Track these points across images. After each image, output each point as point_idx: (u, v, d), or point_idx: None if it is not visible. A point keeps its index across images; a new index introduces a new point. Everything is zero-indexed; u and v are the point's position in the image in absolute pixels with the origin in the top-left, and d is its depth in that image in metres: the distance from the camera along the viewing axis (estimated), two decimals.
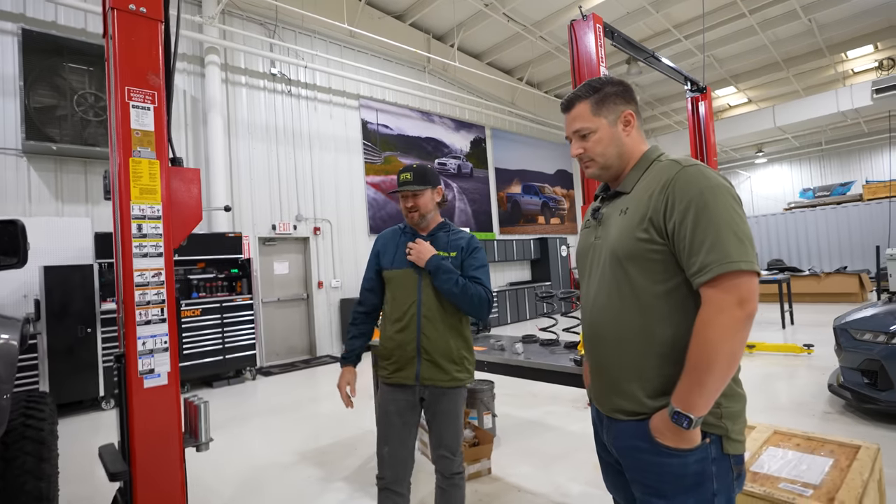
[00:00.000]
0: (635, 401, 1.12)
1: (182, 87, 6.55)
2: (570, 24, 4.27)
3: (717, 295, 0.98)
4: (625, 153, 1.22)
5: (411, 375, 1.86)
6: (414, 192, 1.93)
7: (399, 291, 1.92)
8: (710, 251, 0.99)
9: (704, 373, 0.97)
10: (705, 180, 1.04)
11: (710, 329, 0.97)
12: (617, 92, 1.22)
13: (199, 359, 5.64)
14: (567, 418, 3.99)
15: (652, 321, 1.09)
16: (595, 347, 1.23)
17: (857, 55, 11.45)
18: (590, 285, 1.25)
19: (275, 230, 7.28)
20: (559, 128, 12.86)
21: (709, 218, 1.00)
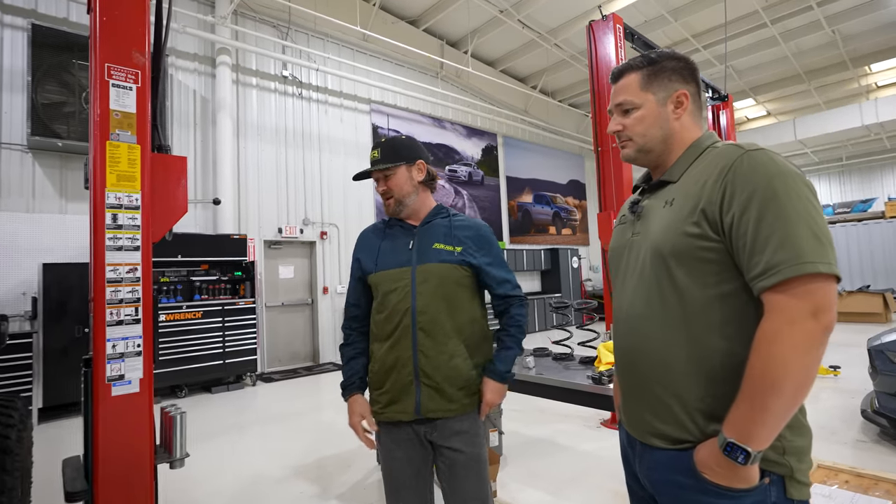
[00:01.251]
0: (678, 425, 0.93)
1: (192, 87, 6.49)
2: (588, 25, 4.12)
3: (788, 302, 0.79)
4: (671, 138, 1.04)
5: (410, 408, 1.45)
6: (384, 171, 1.52)
7: (388, 298, 1.51)
8: (778, 249, 0.80)
9: (769, 397, 0.79)
10: (774, 166, 0.85)
11: (777, 344, 0.79)
12: (675, 68, 1.04)
13: (199, 363, 5.50)
14: (578, 437, 3.76)
15: (701, 332, 0.91)
16: (630, 361, 1.04)
17: (881, 68, 11.16)
18: (625, 289, 1.06)
19: (281, 233, 7.17)
20: (572, 137, 12.69)
21: (778, 209, 0.81)
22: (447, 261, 1.50)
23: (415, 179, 1.56)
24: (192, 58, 6.51)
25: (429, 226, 1.57)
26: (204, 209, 6.45)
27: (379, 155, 1.54)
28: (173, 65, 6.30)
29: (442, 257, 1.50)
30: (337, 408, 4.97)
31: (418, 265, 1.51)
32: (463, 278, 1.52)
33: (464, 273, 1.52)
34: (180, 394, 5.40)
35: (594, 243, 13.81)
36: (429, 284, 1.48)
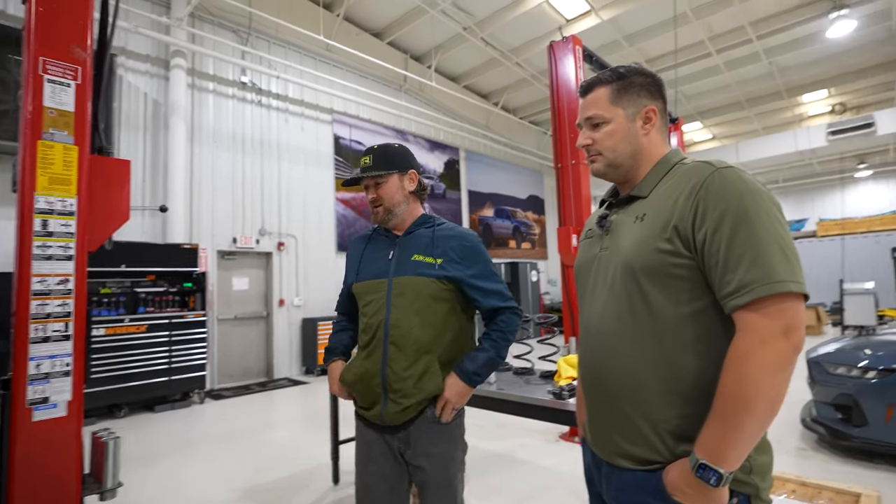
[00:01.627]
0: (647, 446, 0.92)
1: (143, 90, 6.20)
2: (549, 45, 4.23)
3: (759, 321, 0.80)
4: (640, 154, 1.05)
5: (377, 416, 1.45)
6: (375, 179, 1.50)
7: (365, 309, 1.51)
8: (750, 268, 0.81)
9: (741, 417, 0.79)
10: (743, 184, 0.87)
11: (749, 363, 0.79)
12: (643, 83, 1.05)
13: (141, 380, 5.15)
14: (538, 452, 3.76)
15: (672, 349, 0.90)
16: (597, 378, 1.02)
17: (812, 99, 12.10)
18: (593, 304, 1.05)
19: (236, 243, 6.89)
20: (533, 153, 12.99)
21: (749, 228, 0.83)
22: (424, 273, 1.45)
23: (406, 189, 1.54)
24: (143, 59, 6.22)
25: (411, 236, 1.53)
26: (152, 217, 6.12)
27: (371, 161, 1.51)
28: (123, 65, 6.00)
29: (420, 270, 1.46)
30: (291, 425, 4.77)
31: (394, 277, 1.47)
32: (441, 292, 1.46)
33: (442, 287, 1.46)
34: (119, 414, 5.03)
35: (552, 257, 14.10)
36: (404, 298, 1.45)
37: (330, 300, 8.04)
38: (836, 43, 9.21)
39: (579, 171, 3.95)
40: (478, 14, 8.37)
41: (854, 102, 12.17)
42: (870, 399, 3.07)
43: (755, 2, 7.95)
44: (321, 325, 7.32)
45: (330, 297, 8.05)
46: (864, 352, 3.34)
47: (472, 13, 8.34)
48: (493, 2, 8.02)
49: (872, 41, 9.27)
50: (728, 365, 0.82)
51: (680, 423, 0.89)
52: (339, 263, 8.25)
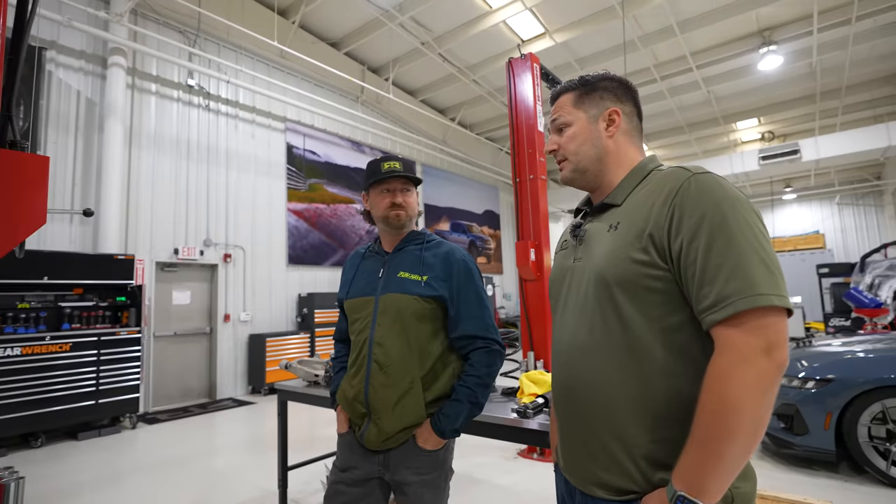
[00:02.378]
0: (622, 474, 0.85)
1: (76, 88, 5.74)
2: (508, 61, 4.28)
3: (740, 338, 0.74)
4: (605, 157, 1.01)
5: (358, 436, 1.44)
6: (406, 184, 1.49)
7: (353, 327, 1.51)
8: (729, 280, 0.76)
9: (722, 444, 0.73)
10: (721, 190, 0.82)
11: (729, 385, 0.73)
12: (608, 87, 1.03)
13: (63, 404, 4.65)
14: (495, 470, 3.68)
15: (646, 368, 0.84)
16: (569, 397, 0.95)
17: (744, 126, 13.03)
18: (565, 318, 0.99)
19: (177, 255, 6.46)
20: (489, 169, 13.16)
21: (728, 237, 0.78)
22: (409, 291, 1.41)
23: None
24: (78, 55, 5.78)
25: (400, 252, 1.50)
26: (82, 224, 5.64)
27: (402, 167, 1.49)
28: (54, 60, 5.55)
29: (405, 287, 1.42)
30: (234, 450, 4.44)
31: (381, 294, 1.44)
32: (424, 311, 1.41)
33: (426, 305, 1.41)
34: (35, 443, 4.51)
35: (507, 272, 14.26)
36: (387, 316, 1.41)
37: (279, 315, 7.69)
38: (766, 76, 9.98)
39: (537, 186, 3.98)
40: (436, 30, 8.43)
41: (781, 131, 13.21)
42: (810, 408, 3.23)
43: (695, 34, 8.49)
44: (270, 342, 6.96)
45: (280, 312, 7.70)
46: (803, 363, 3.51)
47: (430, 28, 8.40)
48: (452, 19, 8.12)
49: (797, 76, 10.12)
50: (707, 386, 0.76)
51: (655, 447, 0.83)
52: (291, 277, 7.93)
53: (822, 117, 11.97)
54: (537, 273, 3.92)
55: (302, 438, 4.66)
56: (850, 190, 15.28)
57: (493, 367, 1.43)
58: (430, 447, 1.38)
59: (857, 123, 12.01)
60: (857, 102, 11.31)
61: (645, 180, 0.96)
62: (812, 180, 14.80)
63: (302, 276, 8.15)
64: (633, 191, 0.96)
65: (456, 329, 1.44)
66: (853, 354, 3.43)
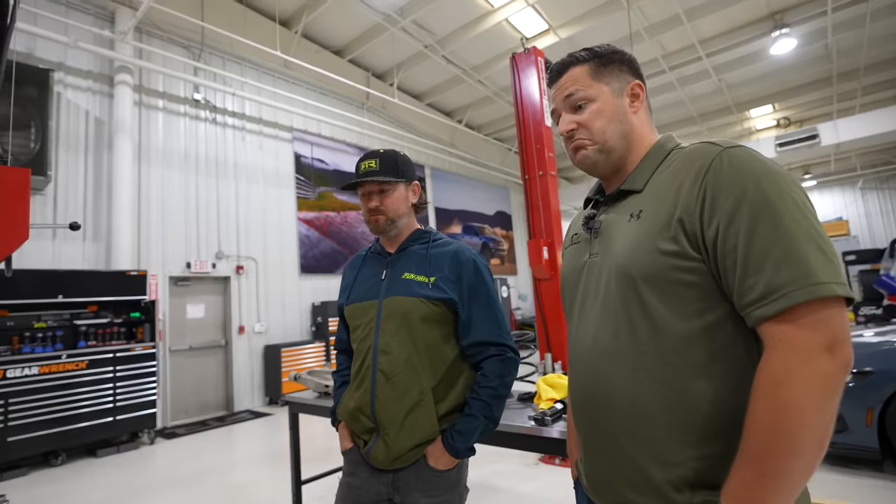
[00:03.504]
0: (658, 496, 0.74)
1: (84, 107, 5.80)
2: (511, 57, 4.19)
3: (798, 335, 0.63)
4: (631, 134, 0.90)
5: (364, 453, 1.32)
6: (380, 185, 1.36)
7: (354, 335, 1.40)
8: (780, 267, 0.65)
9: (783, 458, 0.62)
10: (759, 164, 0.71)
11: (788, 389, 0.62)
12: (623, 60, 0.92)
13: (82, 422, 4.65)
14: (515, 478, 3.57)
15: (682, 373, 0.73)
16: (592, 410, 0.85)
17: (759, 114, 12.71)
18: (583, 320, 0.89)
19: (190, 268, 6.48)
20: (498, 169, 13.05)
21: (774, 218, 0.67)
22: (416, 293, 1.30)
23: (409, 201, 1.44)
24: (85, 75, 5.85)
25: (404, 253, 1.40)
26: (95, 241, 5.68)
27: (377, 166, 1.37)
28: (61, 81, 5.61)
29: (411, 289, 1.31)
30: (251, 463, 4.39)
31: (385, 298, 1.33)
32: (432, 314, 1.30)
33: (434, 309, 1.30)
34: (55, 462, 4.52)
35: (522, 272, 14.11)
36: (392, 320, 1.30)
37: (293, 325, 7.67)
38: (779, 60, 9.71)
39: (547, 182, 3.87)
40: (439, 32, 8.38)
41: (797, 116, 12.85)
42: (848, 403, 3.04)
43: (703, 21, 8.29)
44: (285, 352, 6.93)
45: (294, 321, 7.68)
46: None
47: (433, 31, 8.35)
48: (454, 20, 8.05)
49: (812, 58, 9.83)
50: (760, 392, 0.65)
51: (696, 465, 0.72)
52: (303, 286, 7.91)
53: (840, 100, 11.61)
54: (551, 271, 3.81)
55: (317, 450, 4.60)
56: (873, 174, 14.79)
57: (507, 376, 1.32)
58: (443, 467, 1.27)
59: (877, 104, 11.60)
60: (877, 83, 10.94)
61: (666, 161, 0.85)
62: (832, 165, 14.36)
63: (315, 284, 8.13)
64: (654, 173, 0.85)
65: (467, 335, 1.33)
66: (892, 345, 3.24)
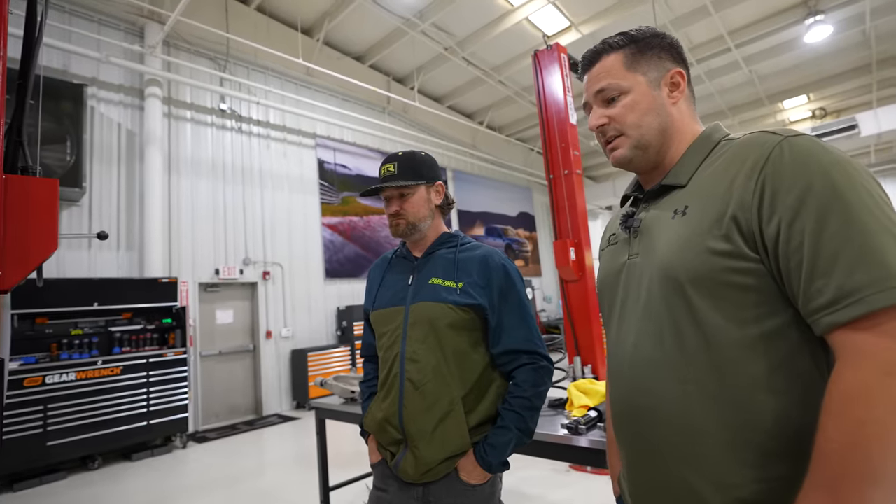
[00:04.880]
0: None
1: (116, 120, 5.99)
2: (534, 54, 4.12)
3: (878, 344, 0.56)
4: (670, 128, 0.82)
5: (392, 465, 1.27)
6: (400, 189, 1.32)
7: (381, 342, 1.36)
8: (854, 268, 0.57)
9: (864, 487, 0.54)
10: (826, 154, 0.63)
11: (867, 406, 0.55)
12: (663, 45, 0.84)
13: (116, 426, 4.77)
14: (547, 484, 3.47)
15: (738, 386, 0.66)
16: (636, 424, 0.78)
17: (792, 105, 12.23)
18: (623, 328, 0.82)
19: (218, 275, 6.61)
20: (520, 170, 12.93)
21: (846, 212, 0.59)
22: (443, 299, 1.25)
23: (432, 202, 1.37)
24: (116, 89, 6.04)
25: (431, 257, 1.35)
26: (128, 251, 5.84)
27: (395, 170, 1.33)
28: (95, 96, 5.80)
29: (438, 295, 1.26)
30: (280, 468, 4.42)
31: (412, 304, 1.28)
32: (461, 321, 1.25)
33: (462, 315, 1.25)
34: (93, 465, 4.65)
35: (546, 274, 13.93)
36: (419, 327, 1.25)
37: (319, 329, 7.74)
38: (813, 48, 9.32)
39: (573, 181, 3.78)
40: (458, 34, 8.35)
41: (833, 107, 12.32)
42: None
43: (732, 11, 8.02)
44: (311, 357, 6.99)
45: (319, 326, 7.75)
46: None
47: (452, 33, 8.33)
48: (474, 21, 8.01)
49: (848, 46, 9.40)
50: (832, 410, 0.57)
51: (758, 488, 0.64)
52: (328, 291, 7.98)
53: (879, 88, 11.06)
54: (578, 273, 3.71)
55: (345, 454, 4.60)
56: None
57: (541, 386, 1.26)
58: (475, 481, 1.21)
59: None
60: None
61: (713, 153, 0.78)
62: (872, 157, 13.68)
63: (340, 289, 8.18)
64: (701, 167, 0.78)
65: (498, 343, 1.27)
66: None
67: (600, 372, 3.44)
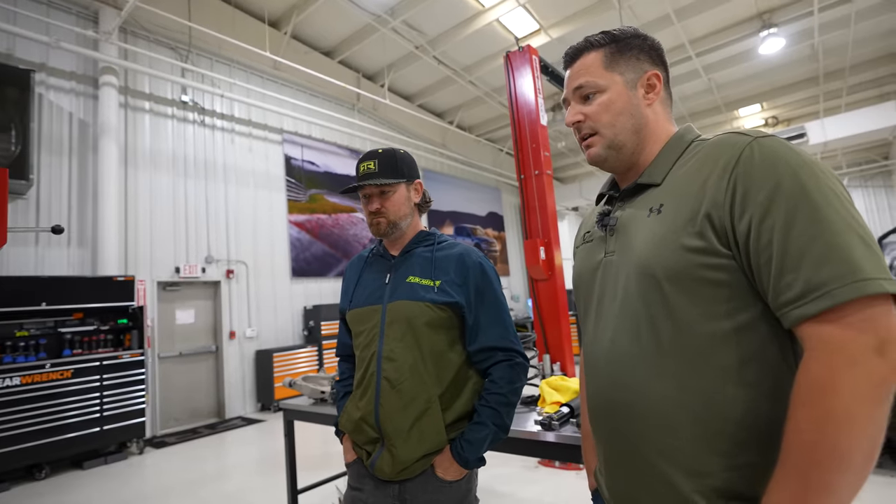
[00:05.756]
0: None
1: (68, 109, 5.66)
2: (506, 55, 4.15)
3: (843, 336, 0.58)
4: (644, 129, 0.84)
5: (368, 464, 1.27)
6: (381, 187, 1.31)
7: (357, 341, 1.35)
8: (821, 263, 0.60)
9: (831, 472, 0.57)
10: (795, 155, 0.66)
11: (833, 396, 0.57)
12: (643, 46, 0.86)
13: (65, 433, 4.51)
14: (517, 482, 3.51)
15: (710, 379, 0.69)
16: (612, 417, 0.80)
17: (747, 113, 12.82)
18: (600, 324, 0.84)
19: (179, 273, 6.35)
20: (490, 171, 13.03)
21: (813, 210, 0.62)
22: (422, 298, 1.25)
23: (412, 200, 1.38)
24: (68, 76, 5.71)
25: (408, 255, 1.34)
26: (80, 248, 5.54)
27: (376, 167, 1.32)
28: (44, 83, 5.47)
29: (416, 293, 1.26)
30: (244, 472, 4.29)
31: (389, 302, 1.28)
32: (438, 320, 1.25)
33: (440, 314, 1.25)
34: (39, 475, 4.37)
35: (514, 273, 14.09)
36: (397, 326, 1.25)
37: (285, 329, 7.56)
38: (767, 60, 9.80)
39: (543, 182, 3.83)
40: (429, 32, 8.33)
41: (785, 115, 12.99)
42: None
43: (693, 21, 8.33)
44: (277, 357, 6.82)
45: (286, 326, 7.57)
46: None
47: (423, 31, 8.29)
48: (445, 20, 8.01)
49: (799, 58, 9.93)
50: (801, 400, 0.60)
51: (729, 476, 0.67)
52: (295, 290, 7.81)
53: (826, 99, 11.75)
54: (548, 272, 3.76)
55: (313, 457, 4.51)
56: (859, 172, 14.98)
57: (517, 383, 1.28)
58: (451, 478, 1.22)
59: (862, 103, 11.74)
60: (862, 82, 11.08)
61: (686, 153, 0.80)
62: None
63: (307, 288, 8.02)
64: (675, 166, 0.80)
65: (475, 341, 1.28)
66: None
67: (569, 369, 3.50)
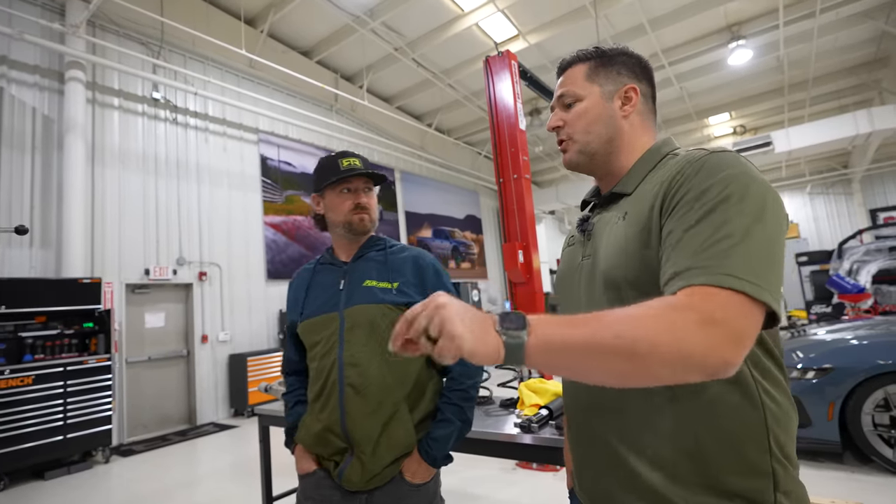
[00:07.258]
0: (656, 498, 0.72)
1: (31, 104, 5.44)
2: (485, 60, 4.18)
3: (678, 298, 0.59)
4: (617, 139, 0.88)
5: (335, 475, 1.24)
6: (368, 183, 1.35)
7: (314, 351, 1.31)
8: (700, 252, 0.61)
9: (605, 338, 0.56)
10: (741, 167, 0.68)
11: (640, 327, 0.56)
12: (626, 62, 0.90)
13: (25, 442, 4.31)
14: (494, 484, 3.52)
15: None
16: (588, 419, 0.83)
17: (717, 121, 13.24)
18: None
19: (148, 275, 6.16)
20: (468, 174, 13.08)
21: (740, 209, 0.62)
22: (382, 300, 1.25)
23: None
24: (31, 70, 5.48)
25: (361, 260, 1.33)
26: (44, 248, 5.32)
27: (362, 165, 1.34)
28: (5, 76, 5.24)
29: (375, 296, 1.25)
30: (216, 479, 4.18)
31: (346, 308, 1.26)
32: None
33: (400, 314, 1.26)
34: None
35: (492, 276, 14.16)
36: (359, 331, 1.23)
37: (260, 333, 7.42)
38: (736, 70, 10.14)
39: (522, 186, 3.87)
40: (408, 35, 8.33)
41: (752, 124, 13.47)
42: (812, 399, 3.15)
43: (666, 31, 8.56)
44: (251, 361, 6.68)
45: (260, 329, 7.43)
46: (798, 353, 3.45)
47: (402, 33, 8.29)
48: (424, 23, 8.02)
49: (765, 69, 10.32)
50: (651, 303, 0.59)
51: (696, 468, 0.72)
52: (270, 293, 7.66)
53: (790, 109, 12.23)
54: (527, 275, 3.80)
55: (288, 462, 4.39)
56: (820, 179, 15.63)
57: (476, 377, 1.30)
58: (420, 480, 1.22)
59: (823, 114, 12.28)
60: (824, 94, 11.59)
61: (659, 165, 0.83)
62: (783, 171, 15.10)
63: (282, 291, 7.88)
64: (646, 178, 0.83)
65: None
66: (849, 342, 3.38)
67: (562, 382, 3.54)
